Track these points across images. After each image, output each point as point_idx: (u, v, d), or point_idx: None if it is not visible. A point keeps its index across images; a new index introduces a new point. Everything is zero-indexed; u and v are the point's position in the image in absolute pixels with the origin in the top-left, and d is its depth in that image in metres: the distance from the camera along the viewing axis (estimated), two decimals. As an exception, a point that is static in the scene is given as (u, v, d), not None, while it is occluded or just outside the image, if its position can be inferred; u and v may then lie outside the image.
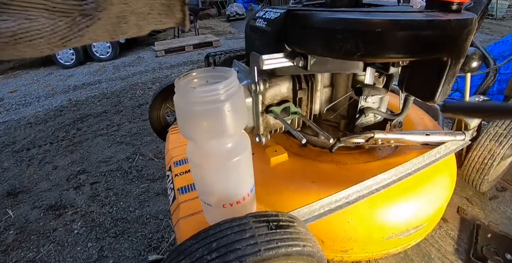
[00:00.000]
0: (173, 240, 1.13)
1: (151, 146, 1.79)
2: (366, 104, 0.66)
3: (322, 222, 0.52)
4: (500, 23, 4.96)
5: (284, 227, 0.38)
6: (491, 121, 0.75)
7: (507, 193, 0.89)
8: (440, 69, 0.49)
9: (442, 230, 0.77)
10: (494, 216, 0.81)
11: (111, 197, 1.39)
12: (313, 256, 0.39)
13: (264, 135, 0.61)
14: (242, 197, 0.47)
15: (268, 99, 0.60)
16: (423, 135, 0.67)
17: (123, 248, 1.12)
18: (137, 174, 1.54)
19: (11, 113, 2.49)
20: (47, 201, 1.40)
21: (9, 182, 1.56)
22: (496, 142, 0.72)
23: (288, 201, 0.60)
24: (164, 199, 1.34)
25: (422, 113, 0.91)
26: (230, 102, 0.37)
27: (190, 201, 0.64)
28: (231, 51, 0.87)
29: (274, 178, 0.65)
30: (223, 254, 0.34)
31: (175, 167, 0.76)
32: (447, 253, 0.70)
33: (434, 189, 0.65)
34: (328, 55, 0.47)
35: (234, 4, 6.52)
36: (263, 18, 0.58)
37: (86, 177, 1.55)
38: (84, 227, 1.23)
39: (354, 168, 0.67)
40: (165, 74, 3.19)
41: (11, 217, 1.32)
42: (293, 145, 0.78)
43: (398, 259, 0.70)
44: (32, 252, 1.14)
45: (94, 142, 1.89)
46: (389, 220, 0.59)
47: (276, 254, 0.35)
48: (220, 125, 0.37)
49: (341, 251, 0.63)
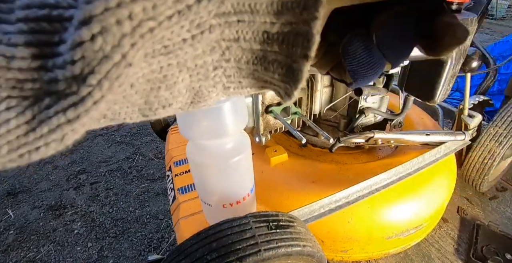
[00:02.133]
0: (173, 240, 1.13)
1: (151, 146, 1.79)
2: (366, 104, 0.66)
3: (322, 222, 0.52)
4: (500, 23, 4.96)
5: (284, 227, 0.38)
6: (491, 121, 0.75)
7: (507, 193, 0.89)
8: (440, 69, 0.49)
9: (442, 230, 0.77)
10: (494, 216, 0.81)
11: (111, 197, 1.39)
12: (313, 256, 0.39)
13: (264, 135, 0.61)
14: (242, 197, 0.47)
15: (268, 99, 0.60)
16: (423, 135, 0.67)
17: (123, 248, 1.12)
18: (137, 174, 1.54)
19: (11, 113, 2.49)
20: (47, 201, 1.40)
21: (9, 182, 1.56)
22: (496, 142, 0.72)
23: (288, 201, 0.60)
24: (164, 199, 1.34)
25: (422, 113, 0.91)
26: (230, 102, 0.37)
27: (190, 201, 0.64)
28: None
29: (274, 178, 0.65)
30: (223, 254, 0.34)
31: (175, 167, 0.76)
32: (447, 253, 0.70)
33: (434, 189, 0.65)
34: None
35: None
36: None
37: (86, 177, 1.55)
38: (84, 227, 1.23)
39: (354, 168, 0.67)
40: (165, 74, 3.19)
41: (11, 217, 1.32)
42: (293, 145, 0.78)
43: (398, 259, 0.70)
44: (32, 252, 1.14)
45: (94, 141, 1.89)
46: (389, 220, 0.59)
47: (276, 254, 0.35)
48: (220, 125, 0.37)
49: (341, 251, 0.63)
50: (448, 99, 1.47)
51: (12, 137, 0.10)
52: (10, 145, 0.10)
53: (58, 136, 0.10)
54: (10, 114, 0.10)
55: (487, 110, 1.27)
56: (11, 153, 0.10)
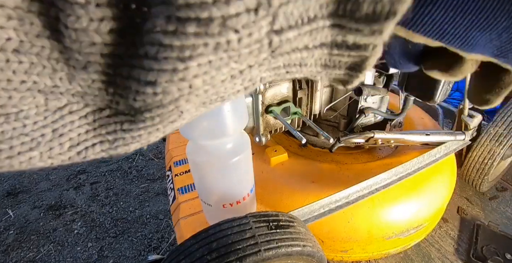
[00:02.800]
0: (173, 240, 1.13)
1: (151, 146, 1.79)
2: (366, 104, 0.66)
3: (322, 222, 0.52)
4: (500, 23, 4.96)
5: (284, 227, 0.38)
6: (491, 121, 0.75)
7: (507, 193, 0.89)
8: (440, 69, 0.49)
9: (442, 230, 0.77)
10: (494, 216, 0.81)
11: (111, 197, 1.39)
12: (313, 256, 0.39)
13: (264, 135, 0.61)
14: (242, 197, 0.47)
15: (268, 99, 0.60)
16: (423, 135, 0.67)
17: (123, 248, 1.12)
18: (137, 174, 1.54)
19: (11, 113, 2.49)
20: (47, 201, 1.40)
21: (9, 182, 1.56)
22: (496, 142, 0.72)
23: (288, 201, 0.60)
24: (164, 199, 1.34)
25: (422, 113, 0.91)
26: (230, 102, 0.37)
27: (190, 201, 0.64)
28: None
29: (274, 178, 0.65)
30: (223, 254, 0.34)
31: (175, 167, 0.76)
32: (447, 253, 0.70)
33: (434, 189, 0.65)
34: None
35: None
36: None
37: (86, 177, 1.55)
38: (84, 227, 1.23)
39: (354, 168, 0.67)
40: (165, 74, 3.19)
41: (11, 217, 1.32)
42: (293, 145, 0.78)
43: (398, 259, 0.70)
44: (32, 252, 1.14)
45: (94, 142, 1.89)
46: (389, 220, 0.59)
47: (276, 254, 0.35)
48: (220, 125, 0.37)
49: (341, 251, 0.63)
50: (448, 99, 1.47)
51: (74, 134, 0.12)
52: (72, 141, 0.12)
53: (111, 138, 0.12)
54: (73, 117, 0.11)
55: (487, 110, 1.27)
56: (71, 149, 0.12)
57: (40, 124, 0.11)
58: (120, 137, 0.12)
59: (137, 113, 0.12)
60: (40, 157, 0.11)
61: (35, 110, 0.11)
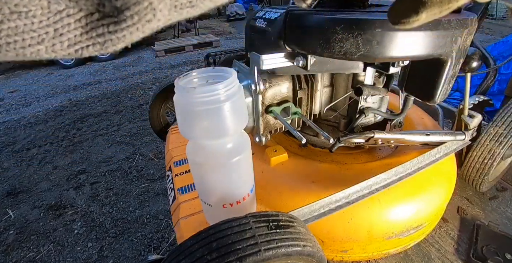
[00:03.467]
0: (173, 240, 1.13)
1: (151, 146, 1.79)
2: (366, 104, 0.66)
3: (322, 222, 0.52)
4: (500, 23, 4.96)
5: (284, 227, 0.38)
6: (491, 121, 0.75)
7: (507, 193, 0.89)
8: (440, 69, 0.49)
9: (442, 230, 0.77)
10: (494, 216, 0.81)
11: (111, 197, 1.39)
12: (313, 256, 0.39)
13: (264, 135, 0.61)
14: (242, 197, 0.47)
15: (268, 99, 0.60)
16: (423, 135, 0.67)
17: (123, 248, 1.12)
18: (137, 174, 1.54)
19: (11, 113, 2.49)
20: (47, 201, 1.40)
21: (9, 182, 1.56)
22: (496, 142, 0.72)
23: (288, 201, 0.60)
24: (164, 199, 1.34)
25: (422, 113, 0.91)
26: (230, 102, 0.37)
27: (190, 201, 0.64)
28: (231, 51, 0.87)
29: (274, 178, 0.65)
30: (223, 254, 0.34)
31: (175, 167, 0.76)
32: (447, 253, 0.70)
33: (434, 189, 0.65)
34: (328, 55, 0.47)
35: (234, 4, 6.52)
36: (263, 18, 0.58)
37: (86, 177, 1.55)
38: (84, 227, 1.23)
39: (354, 168, 0.67)
40: (165, 74, 3.19)
41: (11, 217, 1.32)
42: (293, 145, 0.78)
43: (398, 259, 0.70)
44: (32, 252, 1.14)
45: (94, 141, 1.90)
46: (389, 220, 0.59)
47: (276, 254, 0.35)
48: (220, 126, 0.37)
49: (341, 251, 0.63)
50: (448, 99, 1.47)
51: (71, 35, 0.14)
52: (70, 41, 0.14)
53: (101, 40, 0.15)
54: (70, 20, 0.14)
55: (487, 110, 1.27)
56: (70, 47, 0.15)
57: (45, 23, 0.14)
58: (108, 38, 0.15)
59: (120, 13, 0.14)
60: (45, 50, 0.14)
61: (40, 11, 0.13)
